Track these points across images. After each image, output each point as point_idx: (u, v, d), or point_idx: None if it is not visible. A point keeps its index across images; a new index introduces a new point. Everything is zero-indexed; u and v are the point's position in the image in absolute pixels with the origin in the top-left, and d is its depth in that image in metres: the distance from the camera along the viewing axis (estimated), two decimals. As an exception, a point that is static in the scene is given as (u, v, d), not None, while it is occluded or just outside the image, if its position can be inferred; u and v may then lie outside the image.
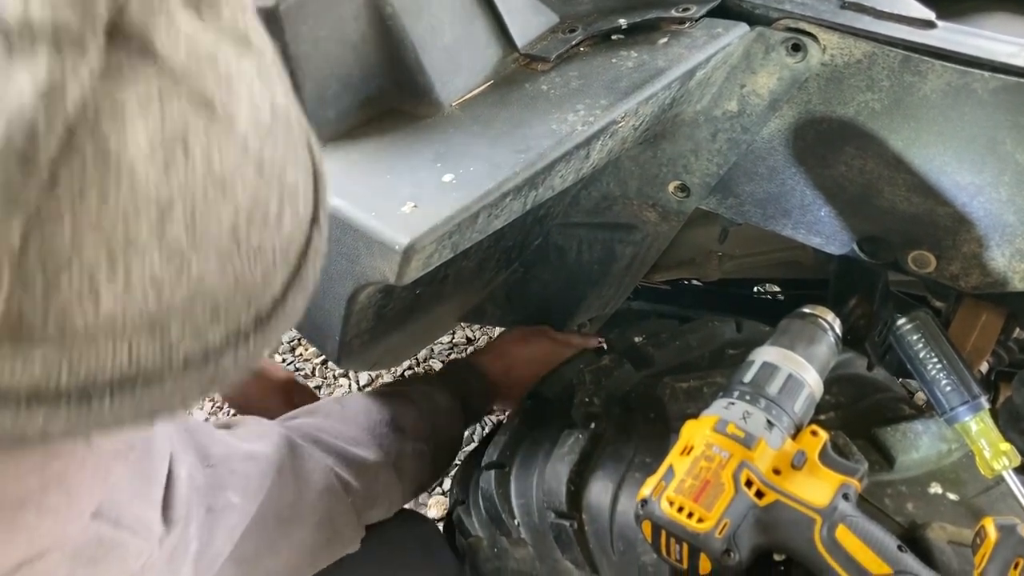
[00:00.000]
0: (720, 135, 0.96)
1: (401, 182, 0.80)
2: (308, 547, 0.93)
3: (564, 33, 0.92)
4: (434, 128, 0.86)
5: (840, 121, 0.89)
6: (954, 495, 0.80)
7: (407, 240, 0.73)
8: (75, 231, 0.36)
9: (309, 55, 0.82)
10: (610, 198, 1.11)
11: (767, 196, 0.99)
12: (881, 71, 0.85)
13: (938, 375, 0.82)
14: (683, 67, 0.85)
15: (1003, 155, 0.83)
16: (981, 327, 1.03)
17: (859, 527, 0.68)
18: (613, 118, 0.82)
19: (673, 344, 0.98)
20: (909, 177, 0.89)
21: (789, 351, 0.79)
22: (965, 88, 0.81)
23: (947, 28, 0.84)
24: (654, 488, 0.73)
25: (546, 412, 1.02)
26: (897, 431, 0.82)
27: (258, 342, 0.46)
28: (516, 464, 0.96)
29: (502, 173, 0.78)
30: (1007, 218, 0.86)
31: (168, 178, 0.37)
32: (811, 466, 0.73)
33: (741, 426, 0.74)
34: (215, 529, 0.80)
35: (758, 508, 0.71)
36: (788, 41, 0.87)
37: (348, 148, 0.86)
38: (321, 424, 1.02)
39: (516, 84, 0.89)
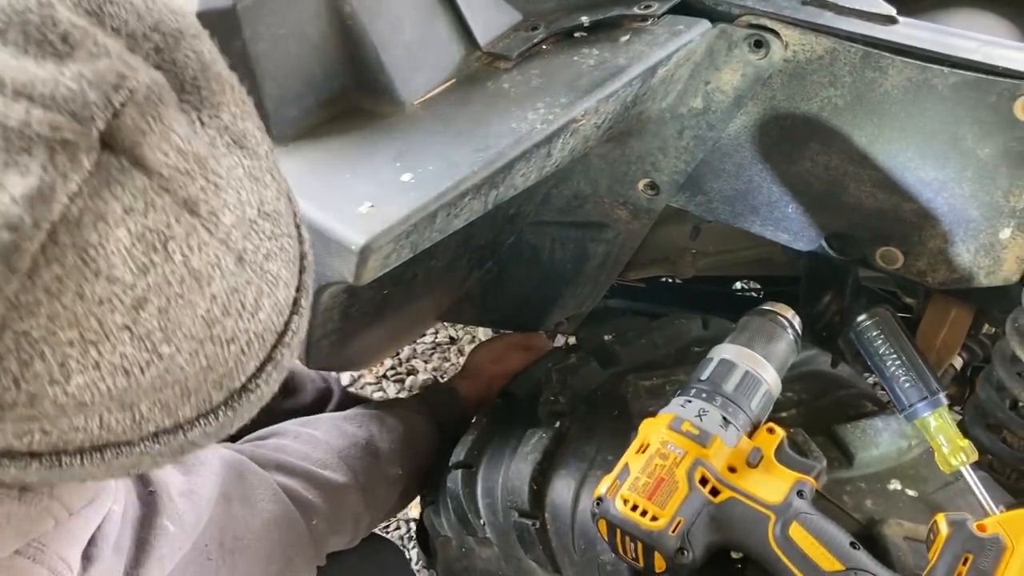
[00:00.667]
0: (687, 132, 0.96)
1: (360, 182, 0.80)
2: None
3: (527, 31, 0.92)
4: (395, 127, 0.86)
5: (804, 117, 0.89)
6: (913, 491, 0.80)
7: (363, 240, 0.73)
8: (50, 321, 0.38)
9: (268, 54, 0.82)
10: (581, 197, 1.11)
11: (735, 193, 0.99)
12: (843, 67, 0.85)
13: (897, 371, 0.82)
14: (644, 64, 0.85)
15: (965, 151, 0.83)
16: (951, 323, 1.02)
17: (813, 524, 0.68)
18: (573, 116, 0.82)
19: (639, 342, 0.98)
20: (874, 173, 0.89)
21: (747, 348, 0.79)
22: (926, 84, 0.81)
23: (908, 24, 0.84)
24: (609, 486, 0.73)
25: (514, 411, 1.02)
26: (857, 428, 0.82)
27: (230, 416, 0.49)
28: (483, 463, 0.96)
29: (460, 172, 0.78)
30: (971, 213, 0.86)
31: (145, 276, 0.40)
32: (767, 464, 0.73)
33: (696, 424, 0.74)
34: (146, 561, 0.77)
35: (712, 506, 0.71)
36: (751, 38, 0.87)
37: (310, 147, 0.86)
38: (287, 446, 1.01)
39: (478, 82, 0.89)
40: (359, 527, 1.02)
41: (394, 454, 1.06)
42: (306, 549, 0.94)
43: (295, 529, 0.93)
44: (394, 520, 1.81)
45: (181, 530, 0.82)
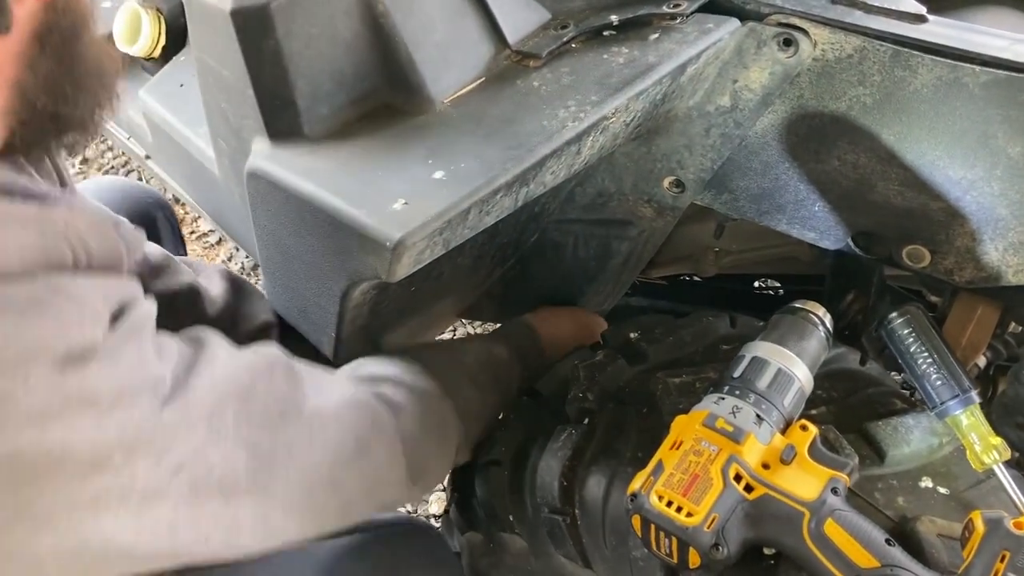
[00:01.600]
0: (713, 130, 0.96)
1: (392, 179, 0.80)
2: (327, 458, 0.79)
3: (556, 30, 0.93)
4: (426, 125, 0.86)
5: (832, 116, 0.89)
6: (945, 489, 0.80)
7: (398, 236, 0.74)
8: None
9: (301, 53, 0.83)
10: (605, 194, 1.12)
11: (761, 191, 0.99)
12: (872, 66, 0.85)
13: (928, 369, 0.82)
14: (674, 63, 0.85)
15: (995, 149, 0.83)
16: (977, 321, 1.02)
17: (847, 521, 0.69)
18: (604, 114, 0.83)
19: (667, 339, 0.98)
20: (902, 172, 0.89)
21: (779, 346, 0.79)
22: (956, 82, 0.81)
23: (938, 22, 0.84)
24: (643, 483, 0.73)
25: (541, 408, 1.02)
26: (888, 425, 0.82)
27: None
28: (510, 460, 0.97)
29: (493, 170, 0.78)
30: (1000, 212, 0.86)
31: None
32: (800, 460, 0.73)
33: (730, 421, 0.74)
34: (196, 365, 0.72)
35: (746, 502, 0.71)
36: (779, 36, 0.87)
37: (340, 145, 0.86)
38: (363, 361, 0.98)
39: (507, 81, 0.90)
40: (447, 445, 0.95)
41: (481, 375, 1.02)
42: (391, 444, 0.86)
43: (374, 415, 0.86)
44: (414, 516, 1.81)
45: (231, 356, 0.77)
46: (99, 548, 0.62)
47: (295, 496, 0.75)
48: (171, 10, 1.33)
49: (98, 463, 0.60)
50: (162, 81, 1.29)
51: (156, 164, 1.44)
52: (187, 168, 1.25)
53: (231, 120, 0.92)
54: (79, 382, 0.60)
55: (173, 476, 0.65)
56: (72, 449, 0.59)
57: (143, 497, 0.63)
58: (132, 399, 0.63)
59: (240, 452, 0.70)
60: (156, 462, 0.64)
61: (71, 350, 0.59)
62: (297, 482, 0.75)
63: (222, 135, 0.98)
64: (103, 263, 0.68)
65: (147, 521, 0.64)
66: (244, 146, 0.91)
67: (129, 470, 0.62)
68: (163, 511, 0.65)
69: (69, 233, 0.65)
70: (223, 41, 0.84)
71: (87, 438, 0.60)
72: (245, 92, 0.86)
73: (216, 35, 0.85)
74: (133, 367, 0.65)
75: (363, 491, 0.83)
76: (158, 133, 1.28)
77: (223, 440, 0.69)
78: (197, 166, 1.19)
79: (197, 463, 0.67)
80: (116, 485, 0.61)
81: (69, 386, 0.59)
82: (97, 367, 0.61)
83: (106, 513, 0.61)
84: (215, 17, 0.83)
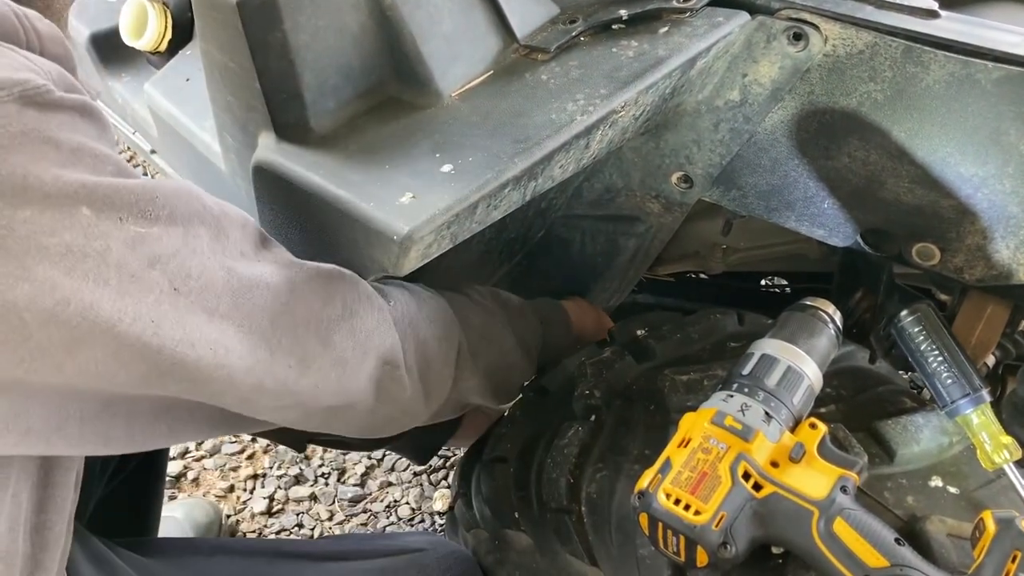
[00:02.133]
0: (722, 125, 0.96)
1: (400, 173, 0.80)
2: (311, 307, 0.78)
3: (564, 24, 0.92)
4: (433, 118, 0.86)
5: (843, 112, 0.89)
6: (955, 488, 0.79)
7: (405, 230, 0.73)
8: None
9: (308, 45, 0.82)
10: (613, 190, 1.11)
11: (770, 188, 0.98)
12: (883, 61, 0.84)
13: (939, 368, 0.81)
14: (684, 56, 0.84)
15: (1007, 146, 0.82)
16: (986, 320, 1.02)
17: (857, 520, 0.68)
18: (613, 107, 0.82)
19: (674, 337, 0.97)
20: (912, 169, 0.88)
21: (789, 344, 0.79)
22: (968, 79, 0.80)
23: (950, 18, 0.83)
24: (651, 480, 0.73)
25: (547, 405, 1.02)
26: (898, 424, 0.82)
27: None
28: (516, 456, 0.96)
29: (501, 163, 0.78)
30: (1011, 210, 0.85)
31: None
32: (809, 459, 0.72)
33: (739, 418, 0.73)
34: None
35: (755, 500, 0.71)
36: (790, 30, 0.86)
37: (348, 138, 0.86)
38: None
39: (516, 74, 0.89)
40: (504, 349, 0.98)
41: (490, 298, 1.04)
42: (381, 313, 0.87)
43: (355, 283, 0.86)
44: (418, 513, 1.81)
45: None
46: (78, 315, 0.60)
47: (283, 340, 0.74)
48: (177, 4, 1.32)
49: (62, 209, 0.60)
50: (168, 75, 1.28)
51: (161, 159, 1.43)
52: (193, 163, 1.24)
53: (237, 114, 0.92)
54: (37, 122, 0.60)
55: (149, 267, 0.64)
56: (33, 181, 0.58)
57: (120, 277, 0.62)
58: (99, 162, 0.63)
59: (218, 272, 0.69)
60: (129, 246, 0.63)
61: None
62: (281, 324, 0.74)
63: (228, 129, 0.98)
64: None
65: (129, 303, 0.62)
66: (250, 140, 0.90)
67: (99, 239, 0.61)
68: (146, 301, 0.63)
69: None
70: (229, 34, 0.84)
71: (49, 174, 0.59)
72: (251, 85, 0.85)
73: (222, 28, 0.84)
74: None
75: (354, 347, 0.82)
76: (163, 127, 1.28)
77: (199, 255, 0.68)
78: (203, 160, 1.18)
79: (173, 263, 0.66)
80: (87, 248, 0.61)
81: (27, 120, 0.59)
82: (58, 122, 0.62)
83: (81, 278, 0.60)
84: (222, 9, 0.83)
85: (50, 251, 0.59)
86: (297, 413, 0.81)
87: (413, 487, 1.86)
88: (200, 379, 0.69)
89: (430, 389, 0.92)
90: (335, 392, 0.81)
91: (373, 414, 0.87)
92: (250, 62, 0.84)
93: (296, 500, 1.85)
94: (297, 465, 1.91)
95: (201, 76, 0.99)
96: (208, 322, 0.68)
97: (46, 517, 0.76)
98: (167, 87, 1.26)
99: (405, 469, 1.90)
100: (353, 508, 1.83)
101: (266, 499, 1.85)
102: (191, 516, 1.71)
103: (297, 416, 0.81)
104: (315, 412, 0.82)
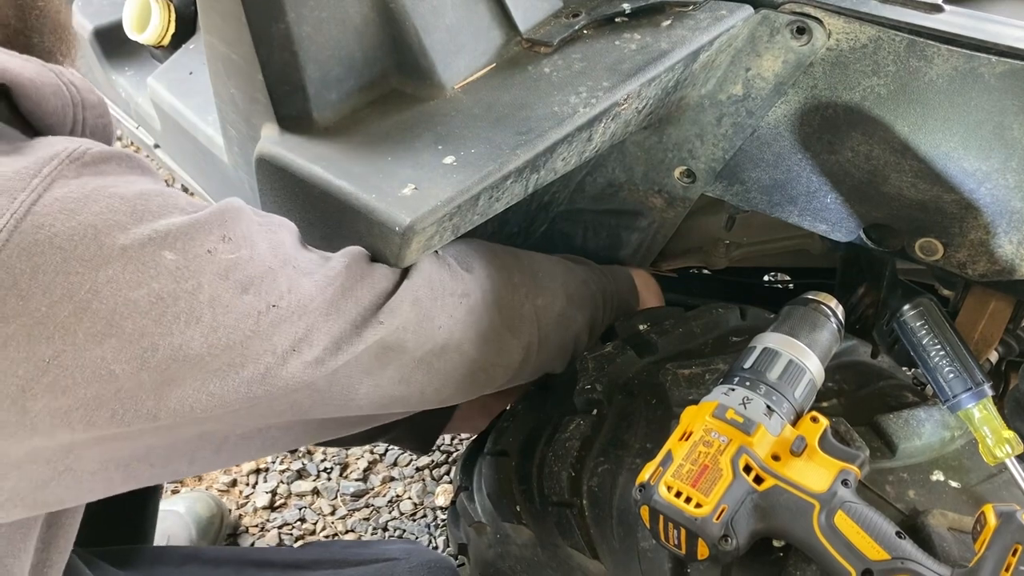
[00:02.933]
0: (725, 119, 0.95)
1: (402, 164, 0.80)
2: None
3: (568, 18, 0.92)
4: (436, 110, 0.86)
5: (846, 106, 0.89)
6: (956, 482, 0.79)
7: (407, 221, 0.73)
8: None
9: (312, 37, 0.82)
10: (615, 184, 1.11)
11: (773, 183, 0.98)
12: (887, 56, 0.84)
13: (941, 362, 0.81)
14: (686, 49, 0.84)
15: (1010, 141, 0.82)
16: (989, 315, 1.02)
17: (858, 513, 0.68)
18: (616, 100, 0.82)
19: (676, 331, 0.97)
20: (915, 163, 0.88)
21: (791, 337, 0.79)
22: (972, 73, 0.80)
23: (954, 12, 0.83)
24: (652, 473, 0.73)
25: (549, 398, 1.02)
26: (900, 418, 0.81)
27: None
28: (518, 450, 0.96)
29: (503, 155, 0.78)
30: (1014, 204, 0.85)
31: None
32: (810, 452, 0.72)
33: (740, 412, 0.73)
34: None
35: (756, 493, 0.71)
36: (793, 24, 0.86)
37: (351, 130, 0.86)
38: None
39: (519, 67, 0.89)
40: (569, 295, 0.99)
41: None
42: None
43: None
44: (420, 508, 1.81)
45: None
46: (168, 358, 0.62)
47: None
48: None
49: (144, 260, 0.60)
50: (171, 69, 1.28)
51: (165, 153, 1.43)
52: (196, 156, 1.24)
53: (240, 106, 0.92)
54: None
55: (243, 293, 0.66)
56: (107, 240, 0.59)
57: (214, 311, 0.64)
58: (166, 202, 0.65)
59: (302, 281, 0.71)
60: (222, 276, 0.64)
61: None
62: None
63: (231, 121, 0.98)
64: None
65: (222, 335, 0.64)
66: (254, 132, 0.90)
67: (191, 278, 0.63)
68: (242, 328, 0.65)
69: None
70: (232, 25, 0.84)
71: (122, 229, 0.60)
72: (255, 77, 0.85)
73: (226, 19, 0.84)
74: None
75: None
76: (167, 121, 1.28)
77: (285, 267, 0.70)
78: (206, 154, 1.18)
79: (266, 282, 0.68)
80: (178, 291, 0.62)
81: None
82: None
83: (172, 321, 0.61)
84: (225, 1, 0.83)
85: (139, 304, 0.59)
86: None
87: (415, 482, 1.86)
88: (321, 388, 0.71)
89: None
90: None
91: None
92: (253, 54, 0.84)
93: (299, 495, 1.85)
94: (299, 460, 1.92)
95: (204, 70, 0.99)
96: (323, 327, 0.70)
97: (47, 555, 0.77)
98: (170, 81, 1.26)
99: (407, 464, 1.90)
100: (355, 503, 1.83)
101: (268, 493, 1.85)
102: (193, 510, 1.71)
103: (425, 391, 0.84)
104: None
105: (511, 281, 0.92)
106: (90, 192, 0.59)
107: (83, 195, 0.59)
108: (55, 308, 0.56)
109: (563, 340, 0.99)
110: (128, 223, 0.60)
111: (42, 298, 0.56)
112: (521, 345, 0.92)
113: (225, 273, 0.64)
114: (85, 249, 0.57)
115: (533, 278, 0.95)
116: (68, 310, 0.57)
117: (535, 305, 0.94)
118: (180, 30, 1.32)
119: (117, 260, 0.59)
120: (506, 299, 0.90)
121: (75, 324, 0.57)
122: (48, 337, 0.57)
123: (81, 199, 0.58)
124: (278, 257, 0.69)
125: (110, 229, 0.59)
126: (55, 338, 0.57)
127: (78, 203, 0.58)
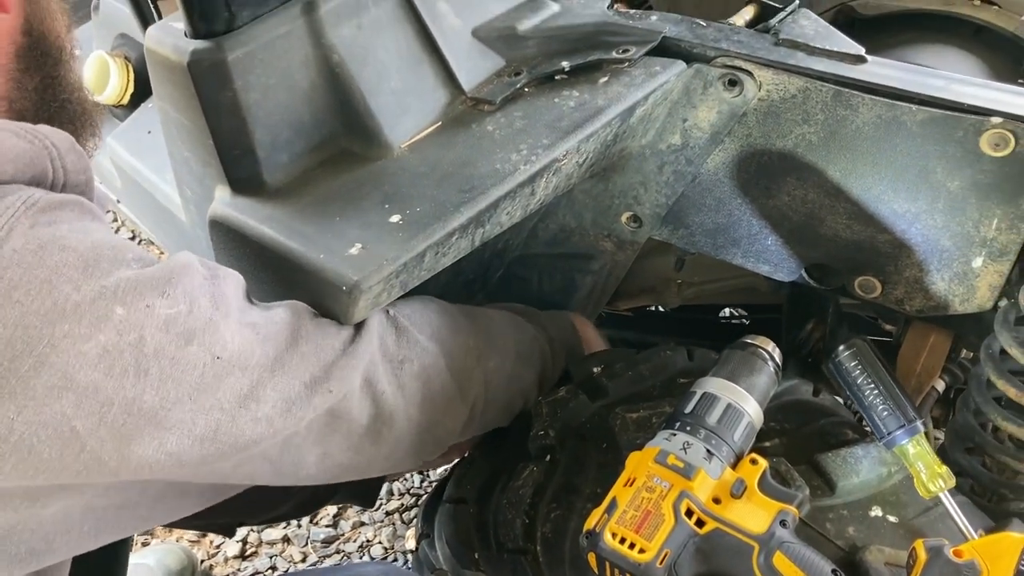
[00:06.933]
0: (666, 167, 0.99)
1: (350, 224, 0.82)
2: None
3: (509, 76, 0.95)
4: (383, 170, 0.88)
5: (780, 153, 0.92)
6: (894, 517, 0.81)
7: (354, 279, 0.76)
8: None
9: (259, 103, 0.85)
10: (567, 230, 1.14)
11: (716, 226, 1.01)
12: (815, 105, 0.87)
13: (875, 400, 0.84)
14: (623, 105, 0.87)
15: (935, 183, 0.85)
16: (930, 348, 1.05)
17: (795, 553, 0.70)
18: (555, 156, 0.85)
19: (626, 374, 0.99)
20: (849, 206, 0.91)
21: (729, 382, 0.81)
22: (895, 120, 0.84)
23: (876, 62, 0.87)
24: (598, 520, 0.75)
25: (505, 444, 1.03)
26: (838, 456, 0.84)
27: None
28: (475, 497, 0.98)
29: (447, 212, 0.80)
30: (944, 243, 0.88)
31: None
32: (750, 494, 0.74)
33: (681, 457, 0.75)
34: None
35: (698, 537, 0.72)
36: (725, 77, 0.90)
37: (301, 191, 0.88)
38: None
39: (463, 125, 0.92)
40: (506, 352, 0.98)
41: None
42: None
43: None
44: (391, 552, 1.82)
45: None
46: (123, 413, 0.63)
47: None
48: (139, 58, 1.35)
49: (95, 314, 0.62)
50: (130, 128, 1.31)
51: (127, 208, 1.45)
52: (155, 213, 1.26)
53: (194, 168, 0.94)
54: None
55: (186, 344, 0.67)
56: (60, 296, 0.61)
57: (160, 363, 0.65)
58: (118, 254, 0.67)
59: (243, 331, 0.72)
60: (163, 330, 0.65)
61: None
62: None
63: (187, 182, 1.00)
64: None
65: (171, 387, 0.66)
66: (208, 193, 0.92)
67: (132, 331, 0.64)
68: (188, 380, 0.67)
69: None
70: (182, 92, 0.86)
71: (75, 285, 0.62)
72: (205, 142, 0.87)
73: (175, 87, 0.87)
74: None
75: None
76: (126, 179, 1.30)
77: (227, 319, 0.71)
78: (164, 212, 1.20)
79: (208, 334, 0.69)
80: (121, 344, 0.63)
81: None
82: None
83: (121, 375, 0.63)
84: (174, 70, 0.85)
85: (89, 356, 0.61)
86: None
87: (385, 526, 1.87)
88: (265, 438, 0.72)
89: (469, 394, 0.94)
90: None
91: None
92: (203, 120, 0.86)
93: (269, 543, 1.85)
94: (271, 507, 1.92)
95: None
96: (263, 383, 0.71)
97: None
98: (129, 140, 1.28)
99: (377, 508, 1.90)
100: (326, 549, 1.84)
101: (239, 543, 1.85)
102: (163, 563, 1.71)
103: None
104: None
105: (465, 344, 0.93)
106: (45, 243, 0.61)
107: (38, 246, 0.60)
108: (16, 363, 0.58)
109: (510, 399, 1.01)
110: (79, 279, 0.62)
111: (4, 351, 0.58)
112: (467, 406, 0.94)
113: (165, 326, 0.65)
114: (41, 304, 0.59)
115: (487, 340, 0.96)
116: (28, 364, 0.58)
117: (485, 368, 0.95)
118: (138, 89, 1.35)
119: (72, 315, 0.60)
120: (458, 363, 0.91)
121: (34, 378, 0.59)
122: (11, 393, 0.58)
123: (36, 251, 0.60)
124: (220, 309, 0.70)
125: (63, 284, 0.60)
126: (17, 393, 0.58)
127: (34, 255, 0.60)
